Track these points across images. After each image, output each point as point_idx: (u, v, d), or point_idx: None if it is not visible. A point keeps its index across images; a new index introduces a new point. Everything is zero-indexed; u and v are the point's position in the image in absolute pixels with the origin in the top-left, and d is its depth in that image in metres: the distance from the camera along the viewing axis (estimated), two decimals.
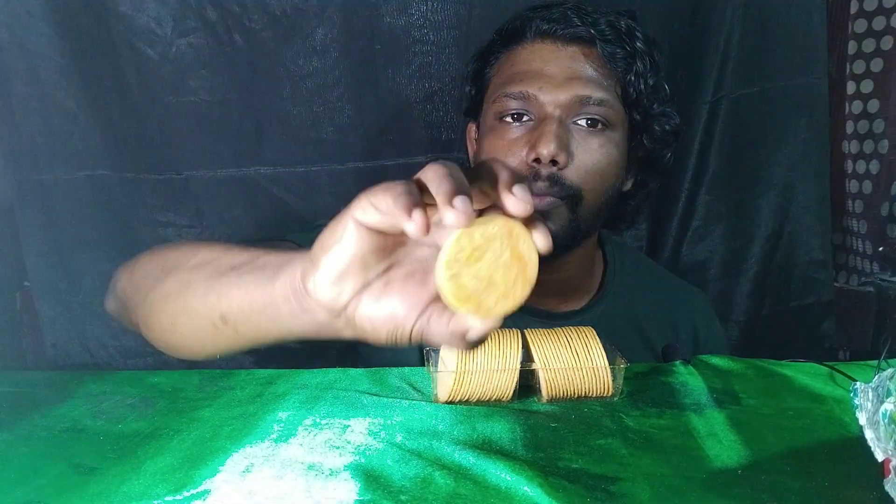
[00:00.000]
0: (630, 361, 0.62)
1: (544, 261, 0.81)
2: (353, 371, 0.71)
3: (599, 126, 0.75)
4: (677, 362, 0.74)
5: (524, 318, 0.83)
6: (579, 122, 0.75)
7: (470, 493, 0.47)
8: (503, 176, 0.43)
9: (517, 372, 0.61)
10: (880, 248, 1.04)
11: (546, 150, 0.72)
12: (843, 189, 1.11)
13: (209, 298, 0.56)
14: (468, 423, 0.58)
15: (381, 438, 0.55)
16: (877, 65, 1.05)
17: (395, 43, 1.02)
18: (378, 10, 1.01)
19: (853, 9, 1.06)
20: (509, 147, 0.76)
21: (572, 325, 0.72)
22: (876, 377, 0.52)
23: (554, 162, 0.73)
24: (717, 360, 0.73)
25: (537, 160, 0.73)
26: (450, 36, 1.02)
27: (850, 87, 1.09)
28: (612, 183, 0.78)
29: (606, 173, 0.76)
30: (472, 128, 0.88)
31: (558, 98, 0.74)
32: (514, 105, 0.76)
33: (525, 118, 0.76)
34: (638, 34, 0.77)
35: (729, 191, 1.08)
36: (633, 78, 0.76)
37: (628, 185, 0.84)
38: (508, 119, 0.77)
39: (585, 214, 0.76)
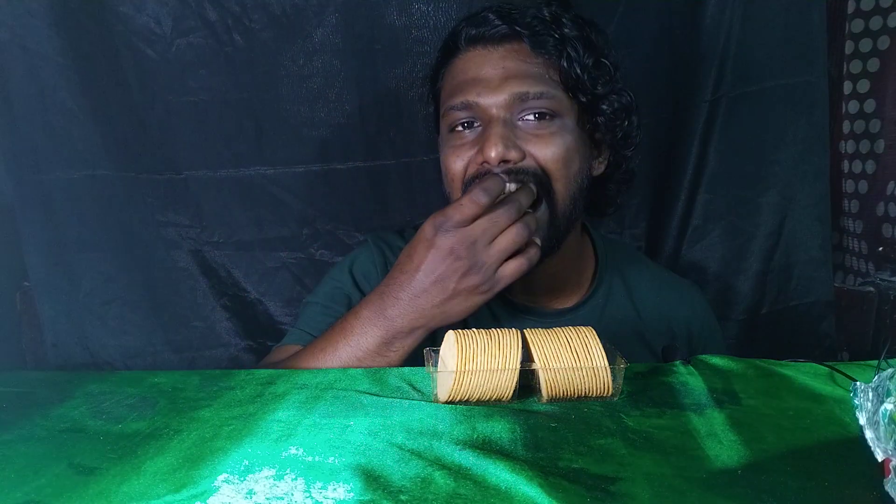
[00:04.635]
0: (625, 356, 0.63)
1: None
2: (353, 371, 0.71)
3: (546, 117, 0.76)
4: (677, 362, 0.74)
5: (517, 317, 0.84)
6: (526, 117, 0.76)
7: (470, 493, 0.47)
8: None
9: (517, 372, 0.61)
10: (879, 249, 1.04)
11: (493, 151, 0.73)
12: (839, 189, 1.11)
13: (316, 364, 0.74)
14: (468, 423, 0.58)
15: (381, 438, 0.55)
16: (873, 65, 1.05)
17: (395, 43, 1.02)
18: (378, 10, 1.01)
19: (850, 9, 1.06)
20: (458, 152, 0.78)
21: (566, 322, 0.72)
22: (876, 377, 0.52)
23: (505, 161, 0.74)
24: (717, 360, 0.73)
25: (486, 162, 0.74)
26: None
27: (847, 87, 1.09)
28: (576, 168, 0.78)
29: (567, 159, 0.77)
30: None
31: (498, 100, 0.75)
32: (461, 115, 0.78)
33: (475, 124, 0.78)
34: (565, 20, 0.78)
35: (728, 190, 1.08)
36: (565, 64, 0.77)
37: (601, 169, 0.85)
38: (459, 128, 0.78)
39: (560, 204, 0.77)
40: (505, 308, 0.84)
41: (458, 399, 0.62)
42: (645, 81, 1.05)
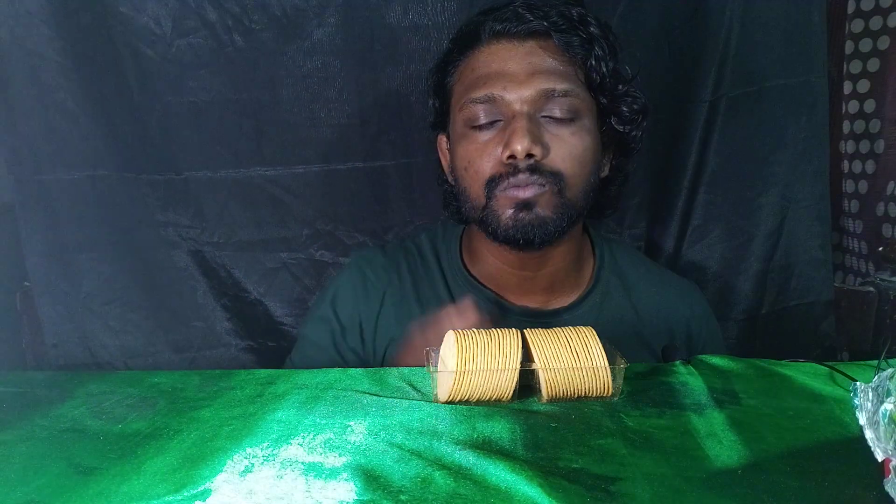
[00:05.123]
0: (623, 356, 0.63)
1: (534, 253, 0.82)
2: (353, 371, 0.71)
3: (569, 116, 0.76)
4: (677, 362, 0.74)
5: (512, 318, 0.83)
6: (548, 114, 0.76)
7: (470, 493, 0.47)
8: None
9: (517, 372, 0.61)
10: (880, 249, 1.04)
11: (520, 145, 0.72)
12: (839, 189, 1.11)
13: None
14: (468, 423, 0.58)
15: (381, 438, 0.55)
16: (873, 65, 1.05)
17: (395, 43, 1.02)
18: (378, 10, 1.01)
19: (850, 9, 1.07)
20: (483, 150, 0.77)
21: (562, 322, 0.72)
22: (876, 377, 0.52)
23: (530, 156, 0.73)
24: (717, 360, 0.73)
25: (513, 157, 0.74)
26: (450, 36, 1.02)
27: (847, 87, 1.09)
28: (591, 168, 0.79)
29: (584, 158, 0.77)
30: (442, 140, 0.88)
31: (523, 94, 0.75)
32: (481, 109, 0.77)
33: (495, 120, 0.77)
34: (590, 20, 0.78)
35: (728, 190, 1.08)
36: (593, 63, 0.77)
37: (606, 171, 0.85)
38: (478, 124, 0.77)
39: (573, 197, 0.77)
40: (500, 310, 0.84)
41: (458, 399, 0.62)
42: (645, 81, 1.04)
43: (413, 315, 0.84)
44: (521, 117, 0.74)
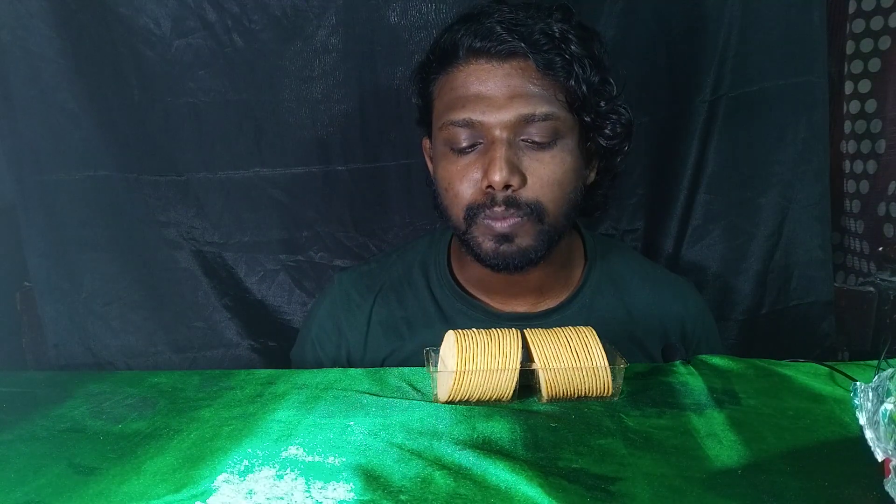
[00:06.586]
0: (623, 356, 0.63)
1: (519, 270, 0.81)
2: (353, 371, 0.71)
3: (549, 139, 0.74)
4: (677, 362, 0.74)
5: (502, 324, 0.82)
6: (528, 139, 0.74)
7: (470, 493, 0.47)
8: None
9: (517, 372, 0.61)
10: (880, 249, 1.04)
11: (498, 177, 0.71)
12: (840, 189, 1.11)
13: None
14: (468, 423, 0.58)
15: (381, 438, 0.55)
16: (874, 65, 1.05)
17: (396, 44, 1.02)
18: (378, 11, 1.01)
19: (851, 9, 1.07)
20: (464, 175, 0.76)
21: (551, 324, 0.72)
22: (876, 377, 0.52)
23: (508, 186, 0.73)
24: (717, 360, 0.73)
25: (491, 187, 0.73)
26: None
27: (848, 87, 1.09)
28: (571, 187, 0.77)
29: (563, 181, 0.76)
30: (426, 144, 0.87)
31: (502, 119, 0.73)
32: (460, 132, 0.75)
33: (475, 143, 0.76)
34: (572, 37, 0.75)
35: (728, 190, 1.08)
36: (573, 83, 0.74)
37: (592, 178, 0.84)
38: (459, 147, 0.76)
39: (552, 221, 0.76)
40: (487, 318, 0.83)
41: (458, 399, 0.62)
42: (644, 81, 1.05)
43: (400, 331, 0.84)
44: (499, 144, 0.73)
